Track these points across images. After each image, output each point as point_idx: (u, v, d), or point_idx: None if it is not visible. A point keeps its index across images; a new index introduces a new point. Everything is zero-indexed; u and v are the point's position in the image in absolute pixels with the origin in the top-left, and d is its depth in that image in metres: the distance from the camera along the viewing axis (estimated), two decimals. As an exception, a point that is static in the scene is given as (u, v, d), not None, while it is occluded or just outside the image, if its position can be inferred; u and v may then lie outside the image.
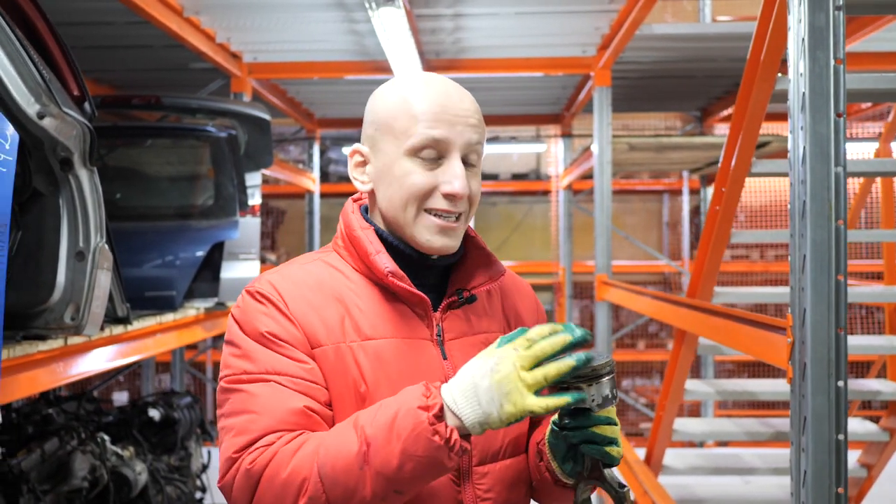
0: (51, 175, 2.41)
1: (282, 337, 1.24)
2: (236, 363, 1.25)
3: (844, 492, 1.89)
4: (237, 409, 1.21)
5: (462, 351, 1.31)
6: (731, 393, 3.82)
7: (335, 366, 1.24)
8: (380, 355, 1.26)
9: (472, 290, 1.34)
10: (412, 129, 1.27)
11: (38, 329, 2.50)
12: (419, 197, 1.27)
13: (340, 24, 4.54)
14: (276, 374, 1.21)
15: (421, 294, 1.29)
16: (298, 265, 1.34)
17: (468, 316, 1.35)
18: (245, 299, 1.29)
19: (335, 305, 1.28)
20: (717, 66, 5.35)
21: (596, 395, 1.18)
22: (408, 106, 1.28)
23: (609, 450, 1.21)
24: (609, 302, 5.04)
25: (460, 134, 1.28)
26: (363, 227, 1.33)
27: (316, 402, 1.22)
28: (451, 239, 1.30)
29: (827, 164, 1.89)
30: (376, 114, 1.32)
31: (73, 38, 4.63)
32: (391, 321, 1.28)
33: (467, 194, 1.28)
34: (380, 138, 1.31)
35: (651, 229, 9.76)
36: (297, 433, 1.18)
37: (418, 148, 1.27)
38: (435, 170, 1.28)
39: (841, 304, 1.88)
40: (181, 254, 4.09)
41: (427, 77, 1.33)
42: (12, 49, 2.18)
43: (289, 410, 1.19)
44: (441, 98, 1.29)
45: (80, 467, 3.56)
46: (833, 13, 1.89)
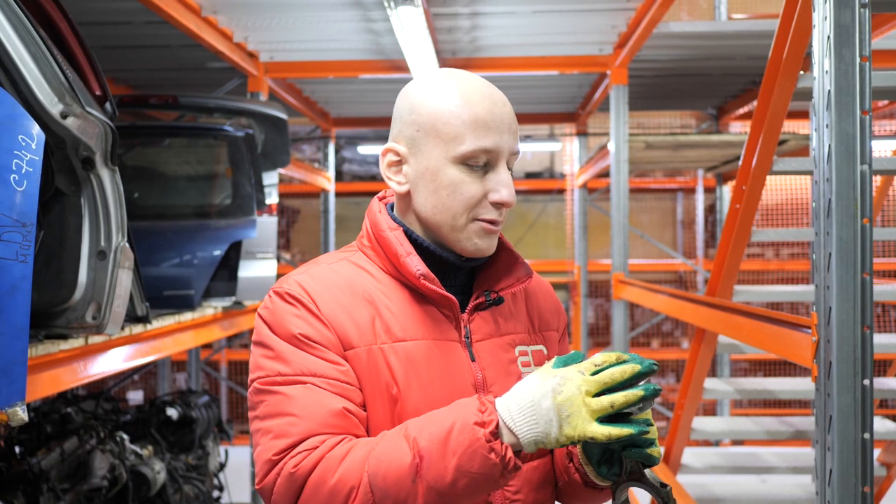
0: (73, 174, 2.42)
1: (314, 339, 1.22)
2: (269, 364, 1.23)
3: (871, 491, 1.88)
4: (274, 411, 1.19)
5: (489, 352, 1.31)
6: (751, 392, 3.80)
7: (368, 368, 1.24)
8: (411, 357, 1.25)
9: (499, 291, 1.33)
10: (463, 136, 1.25)
11: (60, 328, 2.51)
12: (469, 207, 1.27)
13: (357, 24, 4.54)
14: (312, 375, 1.20)
15: (450, 296, 1.28)
16: (325, 265, 1.32)
17: (495, 317, 1.34)
18: (274, 300, 1.27)
19: (365, 306, 1.27)
20: (733, 63, 5.32)
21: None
22: (458, 111, 1.26)
23: (650, 451, 1.19)
24: (625, 301, 5.02)
25: (507, 142, 1.28)
26: (392, 227, 1.32)
27: (353, 403, 1.21)
28: (494, 241, 1.31)
29: (853, 163, 1.88)
30: (419, 114, 1.29)
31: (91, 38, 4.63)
32: (421, 323, 1.28)
33: (514, 202, 1.29)
34: (423, 140, 1.29)
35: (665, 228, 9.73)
36: (341, 437, 1.17)
37: (469, 156, 1.26)
38: (482, 177, 1.27)
39: (867, 302, 1.87)
40: (199, 253, 4.11)
41: (470, 79, 1.31)
42: (36, 49, 2.19)
43: (329, 412, 1.18)
44: (489, 105, 1.27)
45: (100, 466, 3.58)
46: (859, 10, 1.88)
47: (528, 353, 1.36)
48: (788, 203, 8.41)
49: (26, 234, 1.76)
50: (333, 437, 1.17)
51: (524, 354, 1.35)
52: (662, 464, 3.95)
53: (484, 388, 1.29)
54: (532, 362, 1.35)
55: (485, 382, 1.29)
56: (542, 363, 1.36)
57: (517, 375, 1.31)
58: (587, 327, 8.08)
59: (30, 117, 1.85)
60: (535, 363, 1.35)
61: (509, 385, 1.27)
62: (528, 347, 1.36)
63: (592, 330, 8.64)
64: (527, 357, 1.35)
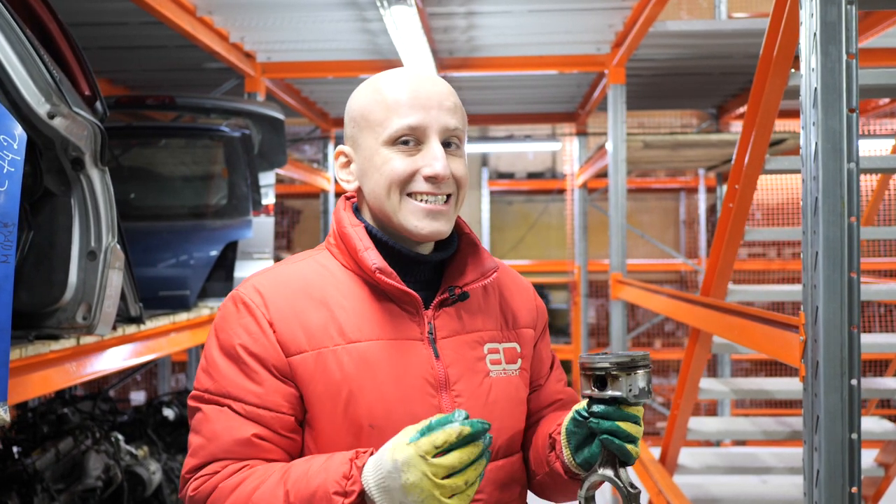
0: (62, 175, 2.42)
1: (252, 350, 1.24)
2: (202, 378, 1.27)
3: (858, 491, 1.86)
4: (195, 427, 1.26)
5: (454, 350, 1.30)
6: (747, 392, 3.78)
7: (317, 372, 1.24)
8: (364, 358, 1.25)
9: (464, 287, 1.32)
10: (387, 119, 1.28)
11: (51, 329, 2.51)
12: (400, 182, 1.27)
13: (353, 24, 4.53)
14: (231, 398, 1.23)
15: (410, 291, 1.28)
16: (289, 264, 1.34)
17: (461, 314, 1.33)
18: (227, 305, 1.29)
19: (320, 309, 1.27)
20: (732, 62, 5.30)
21: (633, 385, 1.19)
22: (381, 97, 1.29)
23: (630, 447, 1.20)
24: (624, 301, 5.01)
25: (436, 118, 1.28)
26: (353, 223, 1.33)
27: (267, 429, 1.23)
28: (440, 223, 1.29)
29: (839, 161, 1.86)
30: (353, 111, 1.33)
31: (87, 39, 4.67)
32: (378, 322, 1.27)
33: (449, 175, 1.27)
34: (359, 134, 1.32)
35: (667, 228, 9.70)
36: (241, 465, 1.21)
37: (395, 137, 1.27)
38: (415, 155, 1.28)
39: (854, 301, 1.85)
40: (195, 253, 4.11)
41: (399, 69, 1.35)
42: (22, 49, 2.19)
43: (235, 440, 1.22)
44: (413, 84, 1.29)
45: (95, 467, 3.58)
46: (845, 7, 1.87)
47: (499, 350, 1.35)
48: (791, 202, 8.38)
49: (8, 235, 1.76)
50: (235, 464, 1.21)
51: (495, 352, 1.34)
52: (659, 463, 3.94)
53: (446, 386, 1.28)
54: (503, 360, 1.35)
55: (447, 380, 1.28)
56: (514, 360, 1.36)
57: (484, 373, 1.32)
58: (588, 327, 8.06)
59: (11, 117, 1.84)
60: (506, 361, 1.35)
61: (475, 383, 1.29)
62: (500, 345, 1.36)
63: (594, 330, 8.62)
64: (497, 354, 1.35)
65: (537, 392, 1.44)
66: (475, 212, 9.41)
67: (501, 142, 8.32)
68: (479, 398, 1.29)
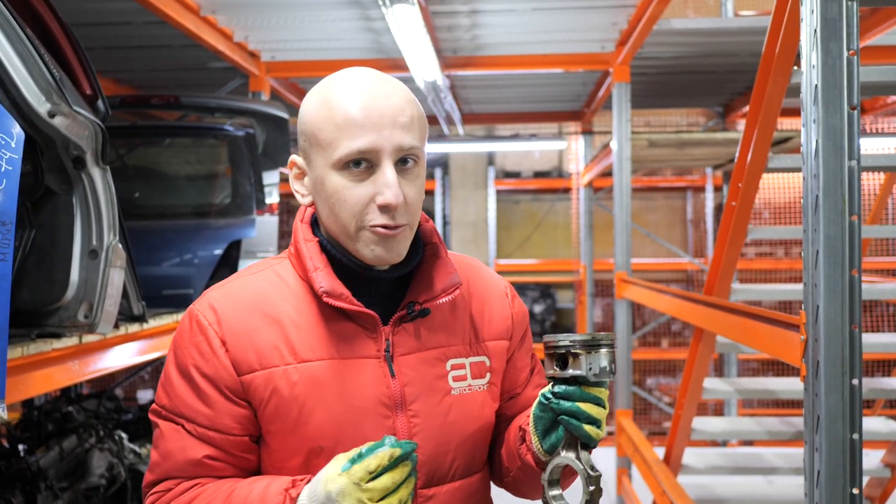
0: (64, 174, 2.43)
1: (204, 371, 1.23)
2: (160, 393, 1.27)
3: (860, 492, 1.84)
4: (154, 443, 1.27)
5: (413, 368, 1.26)
6: (751, 392, 3.76)
7: (266, 391, 1.22)
8: (315, 378, 1.22)
9: (424, 303, 1.26)
10: (336, 140, 1.18)
11: (53, 327, 2.52)
12: (355, 214, 1.20)
13: (356, 22, 4.53)
14: (184, 418, 1.23)
15: (365, 310, 1.23)
16: (246, 277, 1.30)
17: (422, 330, 1.28)
18: (184, 322, 1.27)
19: (272, 326, 1.24)
20: (738, 60, 5.28)
21: (594, 364, 1.18)
22: (330, 114, 1.19)
23: (588, 428, 1.18)
24: (629, 300, 4.99)
25: (388, 139, 1.18)
26: (307, 239, 1.28)
27: (218, 449, 1.23)
28: (394, 250, 1.22)
29: (840, 158, 1.85)
30: (304, 124, 1.24)
31: (93, 39, 4.69)
32: (331, 340, 1.23)
33: (401, 202, 1.19)
34: (309, 150, 1.24)
35: (675, 227, 9.67)
36: (192, 483, 1.22)
37: (345, 160, 1.18)
38: (366, 180, 1.19)
39: (855, 300, 1.84)
40: (199, 252, 4.11)
41: (350, 76, 1.23)
42: (23, 48, 2.20)
43: (187, 460, 1.22)
44: (364, 100, 1.19)
45: (98, 465, 3.59)
46: (846, 4, 1.85)
47: (464, 365, 1.30)
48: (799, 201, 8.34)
49: (5, 233, 1.76)
50: (186, 482, 1.23)
51: (459, 367, 1.29)
52: (663, 463, 3.92)
53: (403, 406, 1.24)
54: (469, 375, 1.30)
55: (403, 400, 1.24)
56: (482, 375, 1.32)
57: (445, 391, 1.27)
58: (593, 327, 8.05)
59: (10, 116, 1.85)
60: (472, 376, 1.30)
61: (434, 402, 1.26)
62: (466, 359, 1.30)
63: (600, 329, 8.60)
64: (463, 370, 1.29)
65: (514, 400, 1.40)
66: (482, 211, 9.40)
67: (506, 141, 8.31)
68: (436, 418, 1.25)
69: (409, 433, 1.23)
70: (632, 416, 5.20)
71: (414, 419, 1.24)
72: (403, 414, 1.24)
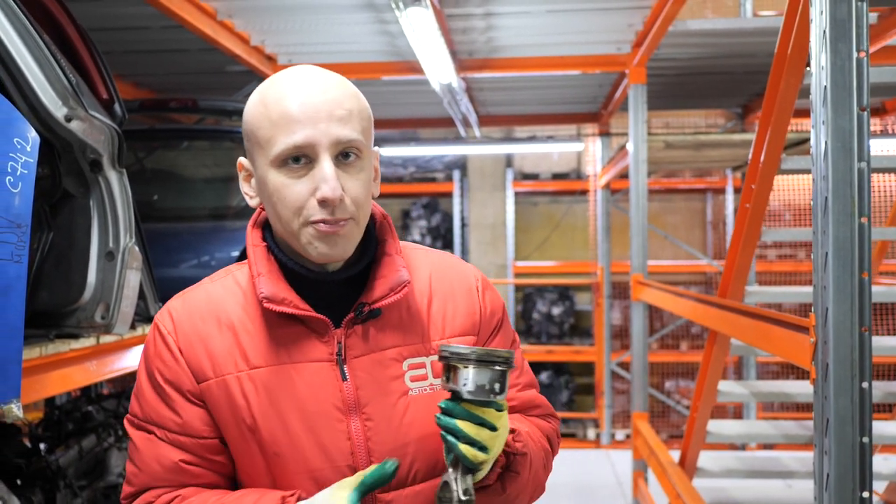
0: (81, 177, 2.46)
1: (167, 377, 1.24)
2: (133, 402, 1.28)
3: (870, 496, 1.84)
4: (129, 454, 1.27)
5: (366, 370, 1.23)
6: (767, 395, 3.74)
7: (220, 400, 1.22)
8: (266, 384, 1.21)
9: (374, 303, 1.24)
10: (273, 137, 1.17)
11: (71, 328, 2.55)
12: (296, 211, 1.18)
13: (372, 25, 4.56)
14: (154, 425, 1.23)
15: (313, 313, 1.21)
16: (206, 284, 1.31)
17: (375, 331, 1.25)
18: (150, 331, 1.29)
19: (225, 334, 1.23)
20: (757, 61, 5.24)
21: (469, 380, 1.13)
22: (266, 111, 1.18)
23: (464, 448, 1.14)
24: (645, 302, 4.98)
25: (325, 132, 1.16)
26: (255, 244, 1.27)
27: (191, 454, 1.23)
28: (337, 245, 1.20)
29: (850, 160, 1.84)
30: (245, 124, 1.23)
31: (112, 44, 4.75)
32: (281, 345, 1.23)
33: (339, 197, 1.16)
34: (251, 150, 1.23)
35: (694, 228, 9.61)
36: (173, 494, 1.22)
37: (282, 158, 1.17)
38: (305, 176, 1.17)
39: (865, 303, 1.83)
40: (215, 254, 4.16)
41: (288, 74, 1.22)
42: (40, 54, 2.24)
43: (163, 468, 1.22)
44: (298, 95, 1.17)
45: (116, 464, 3.63)
46: (856, 4, 1.84)
47: (424, 364, 1.27)
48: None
49: (21, 235, 1.79)
50: (168, 492, 1.22)
51: (419, 367, 1.26)
52: (678, 466, 3.91)
53: (356, 409, 1.22)
54: (430, 374, 1.26)
55: (357, 403, 1.22)
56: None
57: (401, 392, 1.25)
58: (611, 329, 8.02)
59: (25, 120, 1.88)
60: (434, 375, 1.26)
61: (388, 404, 1.24)
62: (426, 358, 1.27)
63: (619, 332, 8.56)
64: (423, 370, 1.26)
65: None
66: (500, 213, 9.40)
67: (523, 143, 8.30)
68: (392, 420, 1.23)
69: (364, 436, 1.22)
70: (648, 418, 5.18)
71: (368, 422, 1.22)
72: (357, 417, 1.22)
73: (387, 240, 1.30)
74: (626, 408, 8.11)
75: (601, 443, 8.07)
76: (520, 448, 1.24)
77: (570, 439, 8.14)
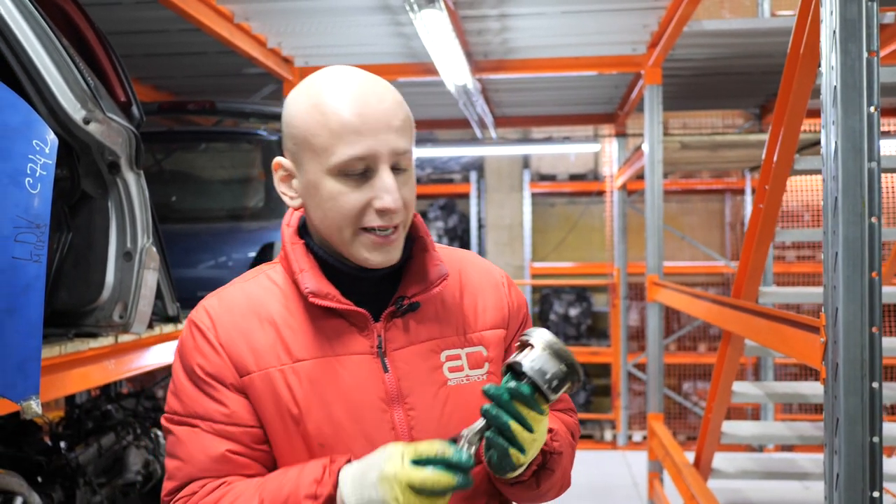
0: (99, 178, 2.50)
1: (209, 371, 1.25)
2: (171, 400, 1.29)
3: (880, 496, 1.83)
4: (170, 451, 1.27)
5: (406, 361, 1.27)
6: (781, 395, 3.73)
7: (264, 393, 1.24)
8: (311, 376, 1.24)
9: (413, 297, 1.27)
10: (333, 146, 1.18)
11: (89, 327, 2.59)
12: (352, 219, 1.21)
13: (387, 27, 4.59)
14: (199, 417, 1.24)
15: (354, 308, 1.24)
16: (240, 284, 1.33)
17: (414, 324, 1.29)
18: (184, 329, 1.30)
19: (266, 328, 1.26)
20: (774, 61, 5.20)
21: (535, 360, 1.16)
22: (324, 119, 1.19)
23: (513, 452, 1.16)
24: (660, 303, 4.97)
25: (385, 143, 1.19)
26: (293, 242, 1.29)
27: (238, 444, 1.24)
28: (390, 253, 1.24)
29: (860, 160, 1.84)
30: (293, 127, 1.23)
31: (131, 47, 4.81)
32: (324, 338, 1.25)
33: (401, 207, 1.21)
34: (301, 154, 1.23)
35: (712, 229, 9.57)
36: (219, 482, 1.22)
37: (342, 167, 1.19)
38: (363, 185, 1.20)
39: (875, 303, 1.83)
40: (233, 254, 4.20)
41: (340, 77, 1.23)
42: (59, 58, 2.27)
43: (210, 458, 1.23)
44: (359, 105, 1.18)
45: (134, 461, 3.68)
46: (866, 4, 1.84)
47: (460, 356, 1.30)
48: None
49: (40, 235, 1.83)
50: (213, 481, 1.23)
51: (455, 358, 1.30)
52: (692, 468, 3.90)
53: (399, 400, 1.25)
54: (465, 366, 1.30)
55: (399, 393, 1.26)
56: (480, 365, 1.32)
57: (441, 383, 1.28)
58: (627, 330, 8.00)
59: (44, 123, 1.92)
60: (469, 366, 1.30)
61: (430, 394, 1.27)
62: (462, 350, 1.31)
63: (635, 333, 8.54)
64: (459, 361, 1.30)
65: None
66: (517, 214, 9.40)
67: (540, 143, 8.30)
68: (433, 409, 1.26)
69: (408, 425, 1.25)
70: (663, 419, 5.17)
71: (411, 412, 1.25)
72: (400, 407, 1.25)
73: (422, 236, 1.33)
74: (642, 409, 8.09)
75: (617, 444, 8.06)
76: (556, 448, 1.28)
77: (587, 440, 8.13)
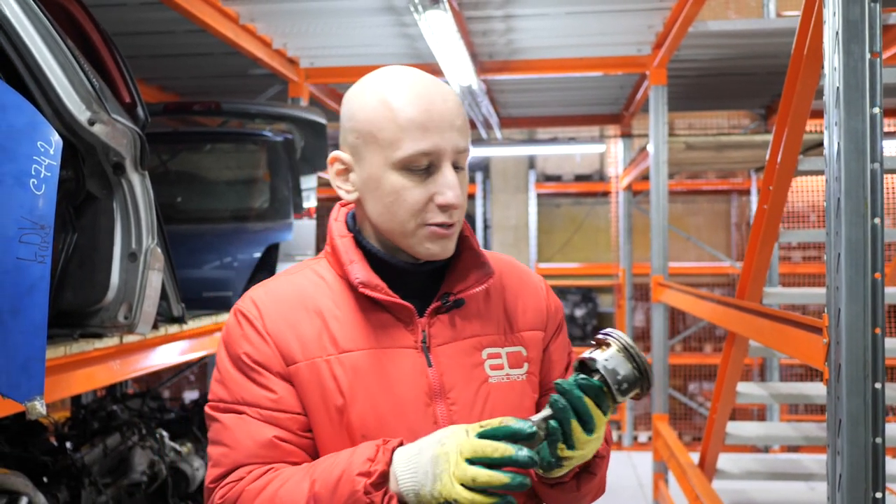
0: (104, 179, 2.51)
1: (256, 359, 1.26)
2: (216, 389, 1.29)
3: (882, 496, 1.83)
4: (215, 438, 1.28)
5: (449, 357, 1.28)
6: (785, 396, 3.72)
7: (311, 382, 1.25)
8: (356, 367, 1.25)
9: (458, 293, 1.30)
10: (399, 141, 1.22)
11: (94, 327, 2.59)
12: (415, 213, 1.24)
13: (392, 28, 4.59)
14: (246, 404, 1.25)
15: (401, 301, 1.27)
16: (286, 276, 1.35)
17: (457, 320, 1.31)
18: (230, 319, 1.32)
19: (313, 319, 1.28)
20: (779, 62, 5.15)
21: (609, 359, 1.17)
22: (392, 114, 1.23)
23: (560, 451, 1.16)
24: (665, 304, 4.97)
25: (449, 141, 1.23)
26: (342, 235, 1.32)
27: (285, 430, 1.25)
28: (448, 247, 1.28)
29: (862, 161, 1.84)
30: (357, 121, 1.27)
31: (137, 48, 4.82)
32: (370, 331, 1.27)
33: (461, 203, 1.25)
34: (363, 148, 1.26)
35: (718, 230, 9.55)
36: (266, 468, 1.23)
37: (408, 161, 1.23)
38: (426, 180, 1.24)
39: (878, 303, 1.83)
40: (238, 255, 4.20)
41: (406, 76, 1.27)
42: (64, 59, 2.28)
43: (257, 444, 1.23)
44: (426, 103, 1.23)
45: (140, 462, 3.69)
46: (868, 6, 1.84)
47: (501, 354, 1.32)
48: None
49: (44, 236, 1.84)
50: (259, 467, 1.23)
51: (496, 357, 1.31)
52: (697, 468, 3.90)
53: (441, 394, 1.27)
54: (506, 364, 1.32)
55: (442, 388, 1.27)
56: (519, 365, 1.33)
57: (482, 379, 1.29)
58: (633, 330, 7.99)
59: (48, 124, 1.92)
60: (509, 365, 1.32)
61: (471, 390, 1.28)
62: (502, 349, 1.33)
63: (641, 333, 8.53)
64: (500, 359, 1.31)
65: (547, 396, 1.39)
66: (522, 214, 9.40)
67: (545, 144, 8.30)
68: (475, 406, 1.27)
69: (450, 420, 1.25)
70: (668, 420, 5.17)
71: (453, 407, 1.27)
72: (442, 402, 1.26)
73: (468, 236, 1.35)
74: (648, 410, 8.08)
75: (623, 444, 8.05)
76: (601, 451, 1.28)
77: (592, 441, 8.12)
